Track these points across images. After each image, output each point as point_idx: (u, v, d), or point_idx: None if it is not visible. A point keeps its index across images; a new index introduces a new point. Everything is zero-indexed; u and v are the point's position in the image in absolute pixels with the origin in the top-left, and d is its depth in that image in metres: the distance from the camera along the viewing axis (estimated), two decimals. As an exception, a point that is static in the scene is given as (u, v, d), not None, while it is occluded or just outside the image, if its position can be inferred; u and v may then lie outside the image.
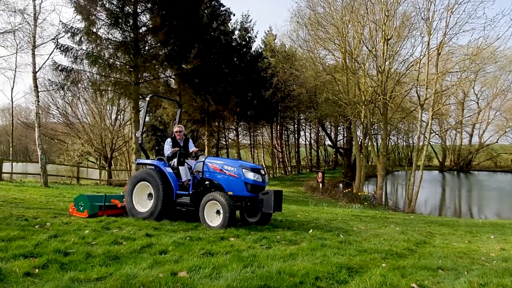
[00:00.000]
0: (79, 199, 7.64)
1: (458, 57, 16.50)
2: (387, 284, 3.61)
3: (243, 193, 6.99)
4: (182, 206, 7.31)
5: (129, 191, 7.52)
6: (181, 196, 7.27)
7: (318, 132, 50.92)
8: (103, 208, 7.58)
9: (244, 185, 6.98)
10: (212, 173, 7.21)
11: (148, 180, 7.35)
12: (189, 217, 7.52)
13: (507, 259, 5.37)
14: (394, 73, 18.64)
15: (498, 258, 5.41)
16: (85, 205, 7.42)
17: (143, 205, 7.48)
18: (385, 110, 18.38)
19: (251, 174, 7.04)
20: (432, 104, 16.20)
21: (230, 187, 7.02)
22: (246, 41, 33.71)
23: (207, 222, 6.77)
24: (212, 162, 7.31)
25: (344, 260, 4.43)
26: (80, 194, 8.22)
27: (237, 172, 7.03)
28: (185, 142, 8.10)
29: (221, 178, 7.12)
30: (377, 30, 17.77)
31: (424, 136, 17.74)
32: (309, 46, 22.98)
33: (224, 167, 7.14)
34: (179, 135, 8.04)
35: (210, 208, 6.80)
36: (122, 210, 7.82)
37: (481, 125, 40.63)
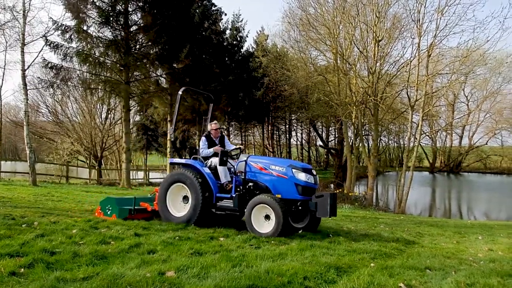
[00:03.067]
0: (106, 202, 7.25)
1: (448, 59, 16.70)
2: (374, 284, 3.64)
3: (294, 196, 6.30)
4: (222, 210, 6.64)
5: (162, 194, 6.93)
6: (222, 199, 6.66)
7: (309, 133, 51.10)
8: (133, 212, 7.14)
9: (295, 187, 6.31)
10: (257, 174, 6.59)
11: (184, 182, 6.76)
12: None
13: (495, 259, 5.44)
14: (385, 74, 18.78)
15: (486, 259, 5.49)
16: (113, 209, 7.04)
17: (178, 208, 6.91)
18: (376, 111, 18.51)
19: (303, 175, 6.38)
20: (422, 106, 16.37)
21: (277, 189, 6.37)
22: (237, 41, 33.68)
23: (255, 228, 6.12)
24: (256, 161, 6.69)
25: (333, 260, 4.45)
26: (107, 196, 7.86)
27: (286, 172, 6.38)
28: (221, 140, 7.44)
29: (267, 179, 6.49)
30: (368, 31, 17.89)
31: (414, 137, 17.90)
32: (300, 46, 23.05)
33: (270, 167, 6.52)
34: (216, 133, 7.36)
35: (258, 212, 6.17)
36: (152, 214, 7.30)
37: (471, 127, 41.21)
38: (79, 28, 16.95)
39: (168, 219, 6.79)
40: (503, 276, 4.26)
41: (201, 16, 24.37)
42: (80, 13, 17.04)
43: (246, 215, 6.24)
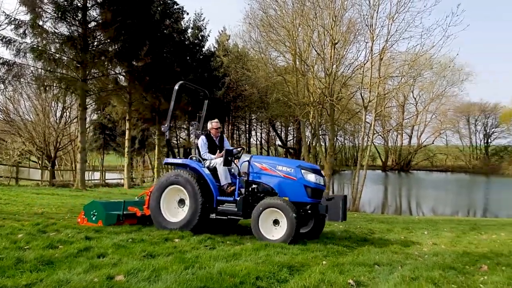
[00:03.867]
0: (91, 206, 6.66)
1: (398, 63, 17.56)
2: (325, 281, 3.73)
3: (303, 199, 5.95)
4: (224, 215, 6.17)
5: (155, 197, 6.36)
6: (223, 203, 6.18)
7: (269, 132, 51.57)
8: (122, 218, 6.58)
9: (304, 189, 5.94)
10: (261, 175, 6.18)
11: (181, 184, 6.21)
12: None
13: (438, 253, 5.76)
14: (341, 76, 19.41)
15: (430, 253, 5.78)
16: (100, 214, 6.48)
17: (173, 213, 6.39)
18: (332, 111, 19.06)
19: (312, 176, 6.03)
20: (375, 106, 17.08)
21: (284, 191, 5.98)
22: (199, 40, 33.39)
23: (263, 234, 5.71)
24: (260, 161, 6.28)
25: (286, 259, 4.52)
26: (92, 200, 7.22)
27: (294, 173, 6.00)
28: (221, 140, 7.04)
29: (274, 181, 6.09)
30: (325, 34, 18.38)
31: (367, 137, 18.63)
32: (260, 47, 23.25)
33: (277, 168, 6.12)
34: (216, 132, 6.96)
35: (266, 217, 5.74)
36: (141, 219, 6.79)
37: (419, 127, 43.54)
38: (34, 23, 16.15)
39: (162, 225, 6.24)
40: (444, 268, 4.53)
41: (162, 14, 23.96)
42: (35, 8, 16.24)
43: (253, 220, 5.77)
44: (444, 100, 41.43)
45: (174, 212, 6.42)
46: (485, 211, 22.29)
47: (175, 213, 6.40)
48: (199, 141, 6.83)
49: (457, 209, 22.35)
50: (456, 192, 33.17)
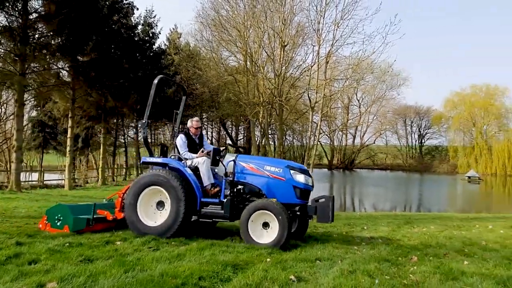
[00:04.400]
0: (55, 210, 6.09)
1: (343, 66, 18.31)
2: (268, 278, 3.81)
3: (292, 200, 5.81)
4: (209, 218, 5.91)
5: (132, 199, 5.94)
6: (208, 205, 5.90)
7: (219, 132, 51.39)
8: (92, 222, 6.02)
9: (293, 190, 5.79)
10: (247, 175, 5.95)
11: (161, 185, 5.84)
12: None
13: (374, 247, 6.08)
14: (290, 77, 19.85)
15: (367, 247, 6.09)
16: (66, 218, 5.93)
17: (151, 217, 5.98)
18: (281, 111, 19.43)
19: (302, 177, 5.91)
20: (321, 107, 17.64)
21: (273, 192, 5.82)
22: (149, 37, 32.44)
23: (252, 238, 5.51)
24: (247, 161, 6.06)
25: (231, 258, 4.55)
26: (58, 203, 6.58)
27: (283, 173, 5.84)
28: (200, 139, 6.77)
29: (261, 181, 5.89)
30: (275, 36, 18.71)
31: (314, 136, 19.22)
32: (212, 46, 23.11)
33: (265, 168, 5.91)
34: (196, 131, 6.65)
35: (256, 220, 5.57)
36: (113, 223, 6.33)
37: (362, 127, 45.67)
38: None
39: (139, 229, 5.84)
40: (380, 261, 4.80)
41: (110, 8, 22.94)
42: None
43: (242, 223, 5.57)
44: (384, 102, 43.95)
45: (153, 215, 6.02)
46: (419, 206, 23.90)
47: (154, 216, 6.00)
48: (177, 140, 6.50)
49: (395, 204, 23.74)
50: (394, 189, 35.28)
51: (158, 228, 5.77)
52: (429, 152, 73.50)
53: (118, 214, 6.32)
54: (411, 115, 71.09)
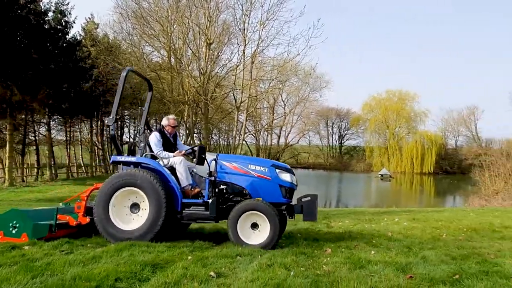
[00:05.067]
0: (8, 216, 5.42)
1: (269, 67, 18.80)
2: (187, 276, 3.83)
3: (278, 200, 5.77)
4: (191, 219, 5.76)
5: (102, 202, 5.53)
6: (190, 206, 5.68)
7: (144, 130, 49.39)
8: (54, 229, 5.48)
9: (279, 189, 5.79)
10: (231, 175, 5.83)
11: (138, 186, 5.50)
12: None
13: (294, 241, 6.40)
14: (215, 76, 19.82)
15: (287, 241, 6.37)
16: (24, 225, 5.30)
17: (125, 220, 5.60)
18: (207, 110, 19.35)
19: (288, 176, 5.91)
20: (246, 107, 17.93)
21: (258, 192, 5.73)
22: (62, 26, 30.03)
23: (242, 239, 5.43)
24: (229, 160, 5.93)
25: (151, 258, 4.47)
26: (11, 208, 5.87)
27: (269, 173, 5.79)
28: (174, 138, 6.52)
29: (246, 181, 5.79)
30: (201, 34, 18.53)
31: (240, 136, 19.48)
32: (133, 40, 22.12)
33: (249, 167, 5.81)
34: (172, 130, 6.39)
35: (244, 221, 5.48)
36: (75, 229, 5.83)
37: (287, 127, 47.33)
38: None
39: (113, 235, 5.46)
40: (297, 254, 5.07)
41: (15, -9, 20.79)
42: None
43: (230, 225, 5.47)
44: (308, 104, 46.00)
45: (127, 219, 5.64)
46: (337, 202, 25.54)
47: (128, 220, 5.64)
48: (151, 138, 6.16)
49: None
50: (316, 187, 37.26)
51: (136, 232, 5.47)
52: (348, 152, 78.94)
53: (82, 219, 5.84)
54: (333, 117, 75.78)
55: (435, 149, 60.64)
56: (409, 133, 65.95)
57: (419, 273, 4.10)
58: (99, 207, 5.56)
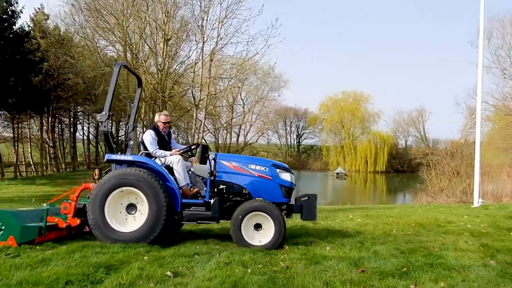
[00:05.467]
0: None
1: (228, 66, 18.72)
2: (143, 276, 3.76)
3: (279, 199, 5.73)
4: (192, 220, 5.64)
5: (97, 202, 5.29)
6: (190, 206, 5.57)
7: (97, 127, 47.58)
8: (44, 231, 5.15)
9: (280, 188, 5.77)
10: (231, 174, 5.74)
11: (136, 186, 5.31)
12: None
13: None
14: (174, 73, 19.43)
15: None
16: (10, 227, 4.95)
17: (121, 222, 5.41)
18: (164, 108, 18.94)
19: (288, 175, 5.90)
20: (205, 105, 17.77)
21: (259, 192, 5.68)
22: (8, 15, 28.22)
23: (246, 240, 5.36)
24: (229, 160, 5.83)
25: (105, 259, 4.35)
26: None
27: (270, 172, 5.77)
28: (168, 135, 6.31)
29: (246, 181, 5.74)
30: (158, 29, 18.09)
31: (198, 134, 19.25)
32: (86, 33, 21.15)
33: (249, 166, 5.76)
34: (165, 127, 6.18)
35: (248, 221, 5.40)
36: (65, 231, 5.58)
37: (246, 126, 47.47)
38: None
39: (110, 237, 5.25)
40: (254, 251, 5.12)
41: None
42: None
43: (234, 226, 5.36)
44: (267, 103, 46.40)
45: (123, 220, 5.46)
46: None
47: (124, 221, 5.45)
48: (146, 136, 5.96)
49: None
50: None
51: (134, 234, 5.32)
52: (306, 151, 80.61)
53: (72, 221, 5.61)
54: (291, 116, 76.97)
55: (387, 149, 63.30)
56: (363, 133, 68.41)
57: (371, 267, 4.29)
58: (94, 208, 5.36)
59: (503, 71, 27.44)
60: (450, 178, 19.97)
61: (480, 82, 14.45)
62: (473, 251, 5.30)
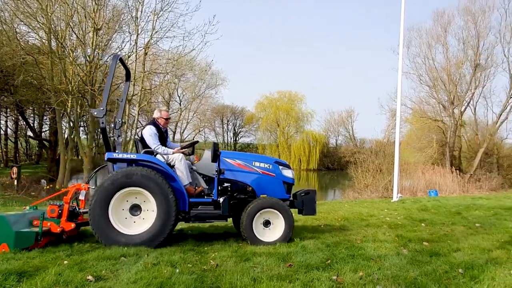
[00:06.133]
0: None
1: (164, 61, 18.18)
2: (60, 282, 3.53)
3: (282, 196, 5.84)
4: (200, 219, 5.67)
5: (101, 204, 5.07)
6: (198, 206, 5.52)
7: (17, 121, 43.53)
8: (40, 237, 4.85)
9: (283, 185, 5.92)
10: (236, 172, 5.75)
11: (143, 185, 5.14)
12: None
13: (183, 238, 6.34)
14: (104, 65, 18.43)
15: (177, 238, 6.26)
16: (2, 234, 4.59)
17: (125, 224, 5.21)
18: (94, 102, 17.91)
19: (290, 172, 6.06)
20: (139, 100, 17.12)
21: (264, 189, 5.80)
22: None
23: (258, 237, 5.45)
24: (232, 157, 5.84)
25: (18, 265, 4.01)
26: None
27: (273, 169, 5.88)
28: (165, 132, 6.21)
29: (251, 178, 5.81)
30: (87, 17, 17.03)
31: (131, 131, 18.53)
32: (4, 17, 19.26)
33: (254, 164, 5.83)
34: (165, 123, 6.10)
35: (258, 218, 5.51)
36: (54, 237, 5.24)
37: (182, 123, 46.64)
38: None
39: (115, 240, 5.04)
40: (185, 251, 5.07)
41: None
42: None
43: (246, 224, 5.41)
44: (204, 101, 46.05)
45: (127, 222, 5.24)
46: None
47: (129, 223, 5.25)
48: (146, 131, 5.80)
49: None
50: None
51: (142, 236, 5.15)
52: (242, 149, 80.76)
53: (66, 225, 5.29)
54: (228, 114, 76.86)
55: (319, 147, 66.00)
56: (297, 132, 70.62)
57: (298, 261, 4.46)
58: (96, 210, 5.10)
59: (419, 77, 30.03)
60: (374, 175, 21.40)
61: (399, 86, 15.69)
62: (390, 241, 5.74)
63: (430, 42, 29.37)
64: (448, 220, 8.42)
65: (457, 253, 5.06)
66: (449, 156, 27.67)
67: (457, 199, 14.84)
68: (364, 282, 3.75)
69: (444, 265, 4.39)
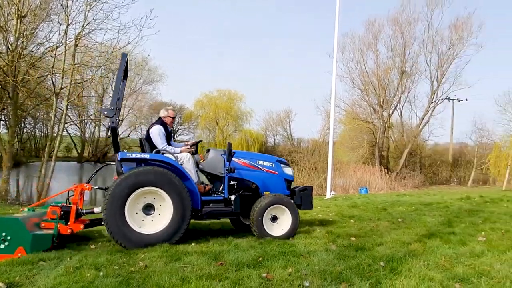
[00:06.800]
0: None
1: (96, 53, 17.19)
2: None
3: (283, 192, 6.20)
4: (213, 217, 5.92)
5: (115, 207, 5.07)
6: (209, 203, 5.75)
7: None
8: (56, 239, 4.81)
9: (285, 182, 6.32)
10: (242, 170, 6.07)
11: (158, 184, 5.24)
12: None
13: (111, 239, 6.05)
14: (29, 55, 16.97)
15: (103, 239, 5.98)
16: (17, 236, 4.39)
17: (140, 223, 5.26)
18: (16, 94, 16.42)
19: (290, 170, 6.50)
20: (68, 94, 16.02)
21: (268, 186, 6.18)
22: None
23: (267, 232, 5.75)
24: (238, 156, 6.11)
25: None
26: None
27: (276, 168, 6.29)
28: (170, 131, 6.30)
29: (256, 176, 6.15)
30: (10, 3, 15.59)
31: (58, 126, 17.31)
32: None
33: (258, 163, 6.20)
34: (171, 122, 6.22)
35: (268, 214, 5.81)
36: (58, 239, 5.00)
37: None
38: None
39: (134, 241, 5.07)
40: (112, 252, 4.83)
41: None
42: None
43: (256, 220, 5.69)
44: (140, 97, 44.50)
45: (141, 222, 5.29)
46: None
47: (143, 223, 5.30)
48: (155, 131, 5.88)
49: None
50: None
51: (157, 236, 5.22)
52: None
53: (75, 226, 5.31)
54: (166, 112, 75.08)
55: (257, 146, 66.72)
56: (236, 130, 70.91)
57: (229, 259, 4.46)
58: (111, 210, 5.07)
59: (352, 81, 31.74)
60: (310, 173, 22.20)
61: (333, 89, 16.45)
62: (320, 237, 5.97)
63: (362, 49, 31.16)
64: (374, 216, 8.98)
65: (380, 247, 5.40)
66: (378, 156, 29.58)
67: (384, 196, 15.91)
68: (292, 278, 3.85)
69: (368, 258, 4.65)
